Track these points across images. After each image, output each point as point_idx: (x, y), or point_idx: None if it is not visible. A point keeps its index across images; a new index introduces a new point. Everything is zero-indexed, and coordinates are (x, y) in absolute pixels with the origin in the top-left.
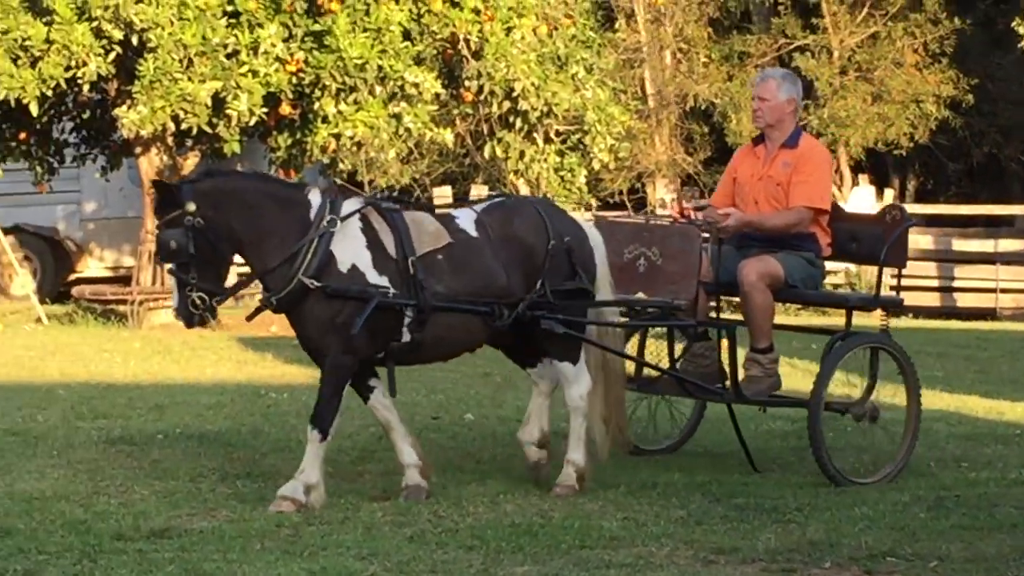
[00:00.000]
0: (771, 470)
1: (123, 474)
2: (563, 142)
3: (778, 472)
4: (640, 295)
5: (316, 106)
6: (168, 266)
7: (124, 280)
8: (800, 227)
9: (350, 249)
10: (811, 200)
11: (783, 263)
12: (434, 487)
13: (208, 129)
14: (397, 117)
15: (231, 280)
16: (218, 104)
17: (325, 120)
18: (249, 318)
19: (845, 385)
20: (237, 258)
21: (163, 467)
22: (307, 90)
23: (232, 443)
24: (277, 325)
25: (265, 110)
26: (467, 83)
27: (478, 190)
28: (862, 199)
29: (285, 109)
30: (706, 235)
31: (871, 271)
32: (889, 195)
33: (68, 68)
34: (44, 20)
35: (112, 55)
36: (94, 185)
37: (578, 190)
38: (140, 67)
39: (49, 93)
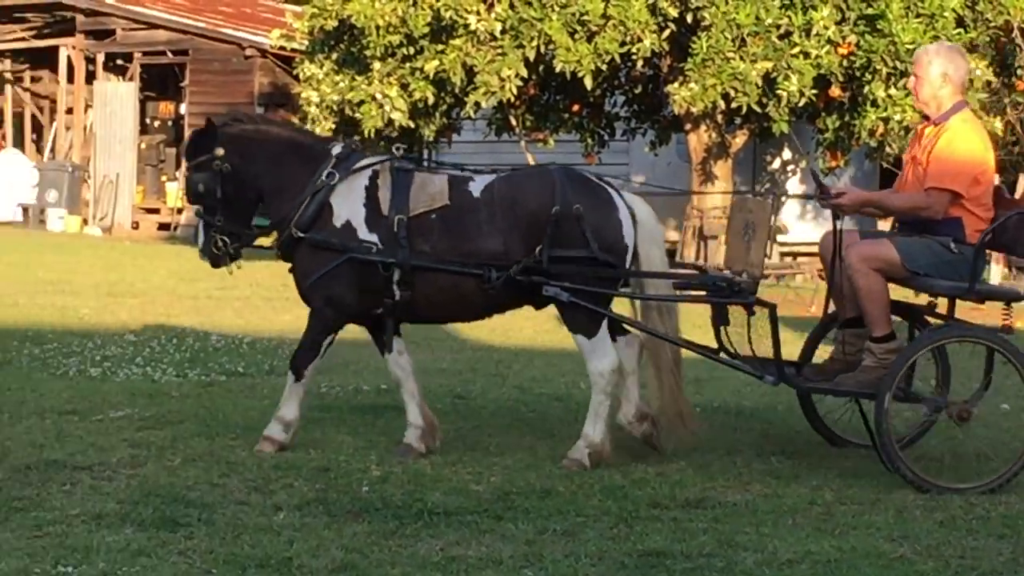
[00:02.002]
0: None
1: None
2: None
3: None
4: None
5: (866, 90)
6: (195, 208)
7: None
8: (929, 211)
9: (347, 204)
10: (940, 181)
11: (903, 247)
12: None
13: (758, 109)
14: None
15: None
16: (769, 84)
17: (874, 104)
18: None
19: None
20: None
21: (700, 439)
22: (857, 73)
23: (769, 420)
24: (816, 305)
25: (815, 92)
26: (1020, 71)
27: None
28: None
29: (835, 91)
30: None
31: None
32: None
33: (623, 43)
34: None
35: (666, 32)
36: (643, 159)
37: None
38: (693, 45)
39: (603, 67)
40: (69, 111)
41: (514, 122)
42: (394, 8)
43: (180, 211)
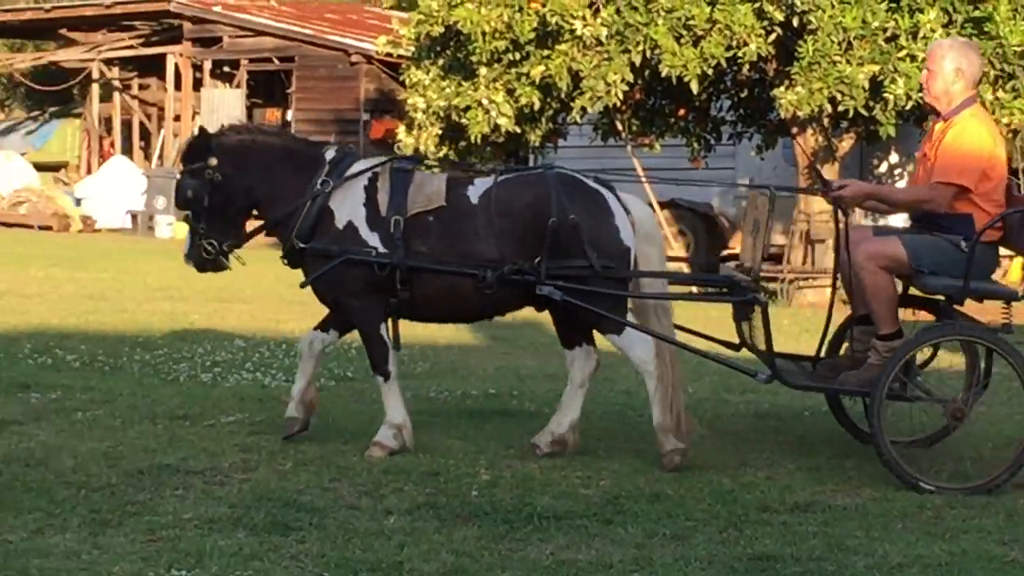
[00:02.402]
0: None
1: (769, 447)
2: None
3: None
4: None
5: None
6: (183, 212)
7: (775, 258)
8: (932, 204)
9: (348, 207)
10: (947, 175)
11: (910, 245)
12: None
13: (864, 112)
14: None
15: None
16: (875, 87)
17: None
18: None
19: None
20: None
21: (808, 442)
22: None
23: None
24: None
25: (922, 95)
26: None
27: None
28: None
29: None
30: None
31: None
32: None
33: (729, 48)
34: (708, 0)
35: (772, 36)
36: (749, 163)
37: None
38: (799, 49)
39: (709, 72)
40: (177, 118)
41: (620, 127)
42: (500, 14)
43: None
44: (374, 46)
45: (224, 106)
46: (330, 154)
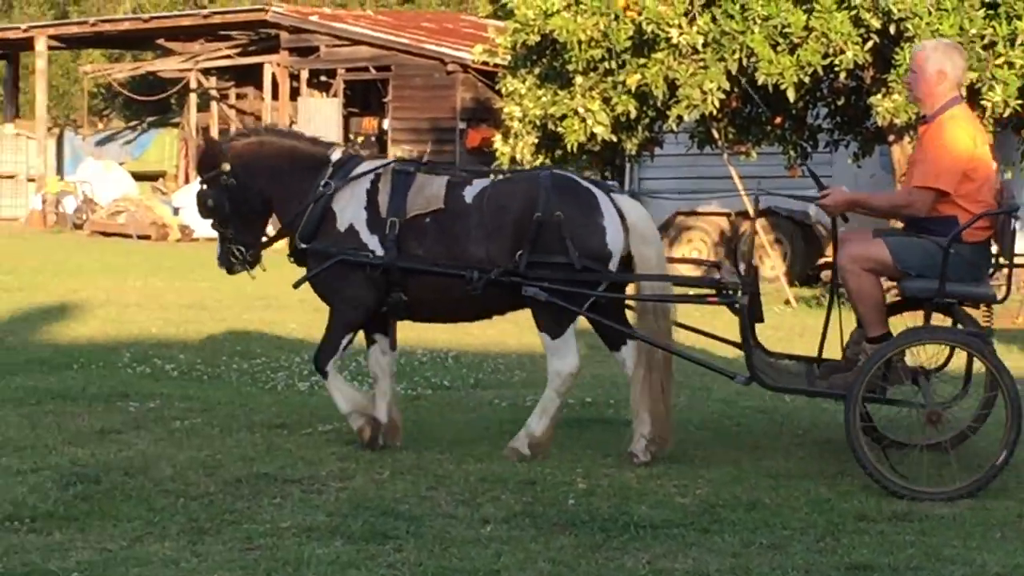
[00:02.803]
0: None
1: None
2: None
3: None
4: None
5: None
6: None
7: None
8: (911, 209)
9: (350, 209)
10: (924, 180)
11: (895, 247)
12: None
13: None
14: None
15: None
16: (972, 94)
17: None
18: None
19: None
20: None
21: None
22: None
23: (983, 431)
24: (1022, 316)
25: (1020, 102)
26: None
27: None
28: None
29: None
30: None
31: None
32: None
33: (825, 55)
34: (804, 8)
35: (869, 43)
36: (846, 171)
37: None
38: (896, 56)
39: (806, 79)
40: None
41: (716, 135)
42: (596, 23)
43: None
44: (470, 55)
45: (320, 115)
46: (335, 155)
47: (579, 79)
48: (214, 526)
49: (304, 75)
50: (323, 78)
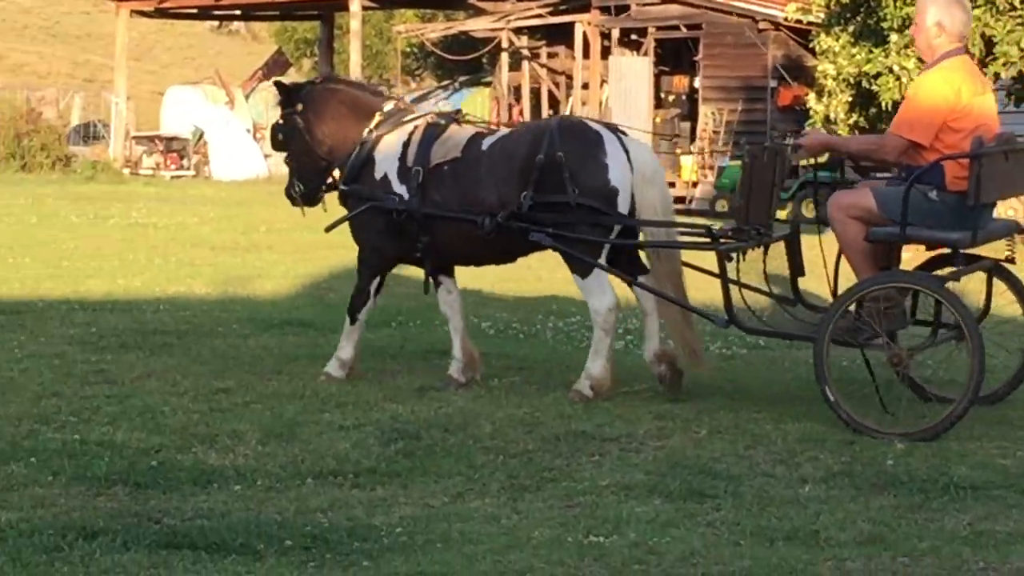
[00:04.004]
0: None
1: None
2: None
3: None
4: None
5: None
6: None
7: None
8: (880, 152)
9: (386, 158)
10: (898, 128)
11: (880, 196)
12: None
13: None
14: None
15: None
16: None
17: None
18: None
19: None
20: None
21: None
22: None
23: None
24: None
25: None
26: None
27: None
28: None
29: None
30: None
31: None
32: None
33: None
34: None
35: None
36: None
37: None
38: None
39: None
40: (585, 86)
41: None
42: None
43: (695, 184)
44: (782, 12)
45: (632, 74)
46: (388, 107)
47: (894, 36)
48: (534, 483)
49: (615, 34)
50: (634, 36)
